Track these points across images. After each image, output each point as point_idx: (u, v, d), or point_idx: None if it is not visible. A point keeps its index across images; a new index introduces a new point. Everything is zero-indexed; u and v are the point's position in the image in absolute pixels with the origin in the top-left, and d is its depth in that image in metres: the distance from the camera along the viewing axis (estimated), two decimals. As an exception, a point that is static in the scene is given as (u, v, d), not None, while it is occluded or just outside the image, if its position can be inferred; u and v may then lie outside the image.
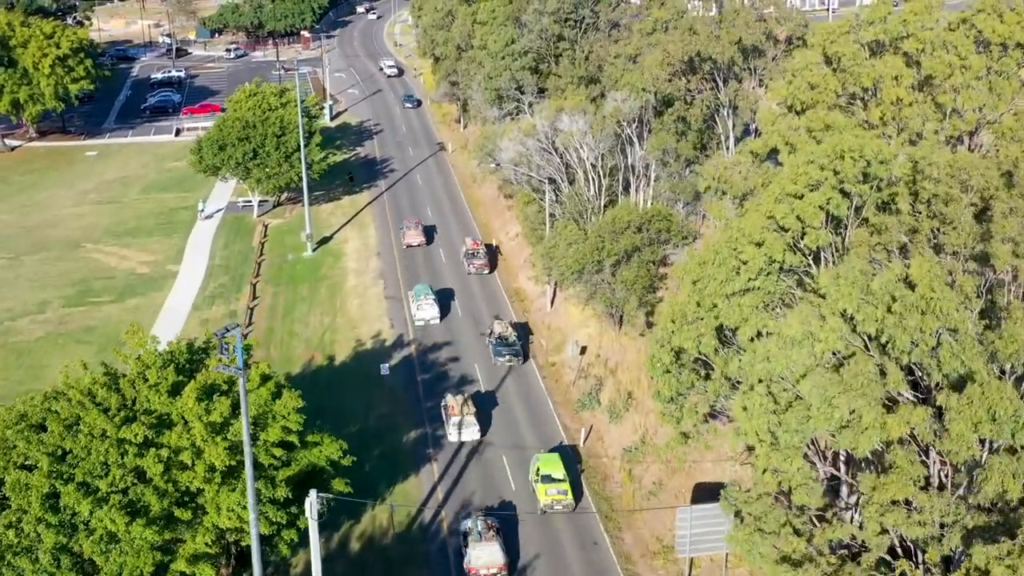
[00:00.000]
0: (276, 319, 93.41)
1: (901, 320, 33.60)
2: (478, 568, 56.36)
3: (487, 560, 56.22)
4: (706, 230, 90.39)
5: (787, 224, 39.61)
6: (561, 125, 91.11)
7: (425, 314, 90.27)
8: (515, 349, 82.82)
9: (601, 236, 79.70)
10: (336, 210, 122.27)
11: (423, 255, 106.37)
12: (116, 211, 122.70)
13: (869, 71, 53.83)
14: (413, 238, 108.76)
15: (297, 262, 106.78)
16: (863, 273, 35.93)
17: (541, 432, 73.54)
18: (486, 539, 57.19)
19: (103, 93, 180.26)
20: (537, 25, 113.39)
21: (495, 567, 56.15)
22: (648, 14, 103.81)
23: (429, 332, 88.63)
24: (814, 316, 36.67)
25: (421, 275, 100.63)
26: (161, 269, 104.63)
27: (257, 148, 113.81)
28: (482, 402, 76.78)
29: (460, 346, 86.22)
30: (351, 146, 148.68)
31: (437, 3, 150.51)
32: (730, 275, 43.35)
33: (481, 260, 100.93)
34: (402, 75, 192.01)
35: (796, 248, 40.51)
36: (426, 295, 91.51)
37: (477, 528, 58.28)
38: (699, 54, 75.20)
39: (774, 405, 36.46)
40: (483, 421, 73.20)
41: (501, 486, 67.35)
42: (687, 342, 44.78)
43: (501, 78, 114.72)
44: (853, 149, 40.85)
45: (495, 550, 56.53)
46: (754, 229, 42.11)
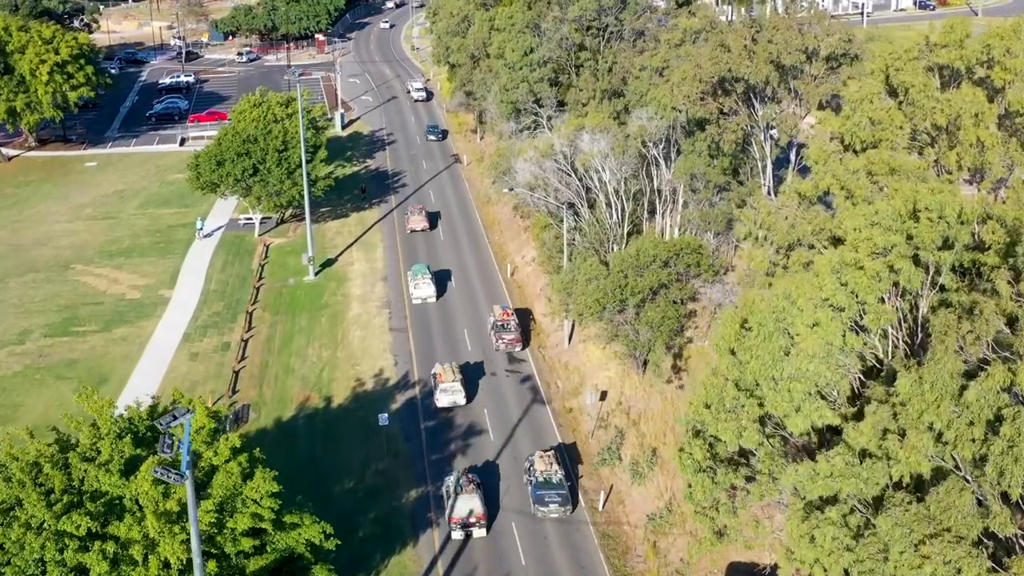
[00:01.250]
0: (272, 353, 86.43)
1: (1010, 447, 26.16)
2: (459, 518, 61.19)
3: (467, 509, 61.13)
4: (739, 261, 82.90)
5: (846, 304, 32.13)
6: (582, 145, 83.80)
7: (422, 292, 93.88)
8: (563, 494, 63.16)
9: (624, 271, 72.31)
10: (343, 228, 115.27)
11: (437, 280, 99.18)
12: (111, 228, 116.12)
13: (944, 107, 46.15)
14: (417, 223, 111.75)
15: (298, 287, 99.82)
16: (953, 376, 28.43)
17: (555, 492, 66.20)
18: (466, 491, 61.76)
19: (109, 99, 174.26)
20: (557, 34, 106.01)
21: (475, 517, 61.18)
22: (676, 23, 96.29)
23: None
24: (890, 425, 29.14)
25: (431, 310, 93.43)
26: (153, 294, 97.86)
27: (258, 164, 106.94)
28: (495, 454, 69.71)
29: (470, 389, 78.97)
30: (362, 158, 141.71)
31: (453, 7, 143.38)
32: (777, 355, 35.87)
33: (512, 335, 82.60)
34: (430, 99, 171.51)
35: (859, 328, 33.00)
36: (423, 274, 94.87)
37: (458, 483, 62.62)
38: (731, 72, 67.66)
39: (849, 538, 28.99)
40: (485, 447, 69.25)
41: (510, 557, 60.11)
42: (726, 433, 37.32)
43: (518, 90, 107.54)
44: (930, 208, 33.33)
45: (474, 501, 61.34)
46: (806, 303, 34.57)
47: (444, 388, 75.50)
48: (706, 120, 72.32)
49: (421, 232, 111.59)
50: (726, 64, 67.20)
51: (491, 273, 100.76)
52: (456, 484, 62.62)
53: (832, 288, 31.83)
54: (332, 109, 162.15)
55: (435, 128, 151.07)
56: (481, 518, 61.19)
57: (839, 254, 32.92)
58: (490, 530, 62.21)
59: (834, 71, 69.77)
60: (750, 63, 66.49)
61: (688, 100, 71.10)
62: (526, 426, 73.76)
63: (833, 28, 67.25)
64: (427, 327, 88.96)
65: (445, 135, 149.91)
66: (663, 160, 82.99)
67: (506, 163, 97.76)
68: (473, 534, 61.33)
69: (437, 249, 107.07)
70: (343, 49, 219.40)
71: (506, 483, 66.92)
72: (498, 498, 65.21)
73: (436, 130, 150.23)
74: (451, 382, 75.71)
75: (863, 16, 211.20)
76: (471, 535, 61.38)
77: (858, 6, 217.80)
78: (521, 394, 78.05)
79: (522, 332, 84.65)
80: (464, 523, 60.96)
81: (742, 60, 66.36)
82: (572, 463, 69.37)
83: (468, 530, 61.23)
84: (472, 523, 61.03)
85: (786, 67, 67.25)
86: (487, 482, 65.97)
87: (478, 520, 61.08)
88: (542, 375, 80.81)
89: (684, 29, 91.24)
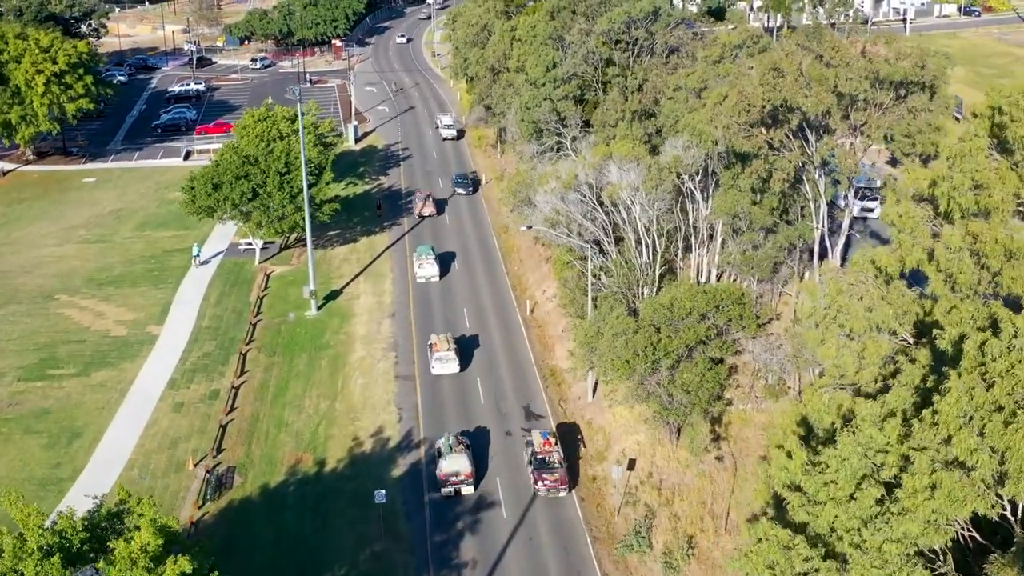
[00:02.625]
0: (264, 403, 78.17)
1: None
2: (447, 474, 64.48)
3: (456, 467, 64.52)
4: (784, 308, 73.94)
5: (983, 465, 23.36)
6: (609, 175, 75.04)
7: (426, 272, 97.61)
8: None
9: (656, 325, 63.53)
10: (351, 255, 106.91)
11: (445, 319, 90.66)
12: (103, 253, 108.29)
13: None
14: (425, 209, 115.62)
15: (298, 324, 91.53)
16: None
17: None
18: (456, 451, 65.39)
19: (116, 107, 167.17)
20: (582, 48, 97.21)
21: (463, 474, 64.51)
22: (715, 38, 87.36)
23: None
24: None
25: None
26: (140, 331, 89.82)
27: (257, 187, 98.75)
28: (507, 535, 61.19)
29: (478, 448, 70.41)
30: (375, 174, 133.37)
31: (473, 16, 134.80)
32: (867, 505, 27.01)
33: (556, 474, 65.01)
34: (461, 138, 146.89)
35: (997, 497, 24.26)
36: (427, 255, 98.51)
37: (448, 443, 66.45)
38: (786, 102, 58.73)
39: None
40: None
41: None
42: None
43: (540, 108, 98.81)
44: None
45: (463, 460, 64.75)
46: (924, 462, 25.68)
47: (439, 357, 79.57)
48: (751, 154, 63.41)
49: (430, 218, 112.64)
50: (779, 92, 58.29)
51: (509, 311, 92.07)
52: (447, 445, 66.48)
53: (967, 445, 23.18)
54: (345, 121, 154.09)
55: (464, 178, 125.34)
56: (469, 476, 64.73)
57: (965, 388, 24.14)
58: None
59: (901, 99, 60.74)
60: (807, 91, 57.52)
61: (730, 131, 62.20)
62: (545, 502, 65.04)
63: (903, 49, 58.22)
64: (437, 379, 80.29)
65: (477, 186, 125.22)
66: (700, 193, 74.13)
67: (525, 191, 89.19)
68: (462, 491, 64.80)
69: (452, 284, 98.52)
70: (361, 55, 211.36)
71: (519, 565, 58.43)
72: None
73: (466, 180, 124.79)
74: (446, 351, 79.70)
75: (905, 23, 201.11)
76: (459, 492, 64.79)
77: (899, 12, 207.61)
78: (539, 459, 69.29)
79: (568, 469, 66.25)
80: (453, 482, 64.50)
81: (798, 87, 57.43)
82: (594, 545, 60.65)
83: (456, 488, 64.60)
84: (460, 481, 64.50)
85: (849, 96, 58.17)
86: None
87: (467, 477, 64.65)
88: (564, 435, 72.07)
89: (724, 44, 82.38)
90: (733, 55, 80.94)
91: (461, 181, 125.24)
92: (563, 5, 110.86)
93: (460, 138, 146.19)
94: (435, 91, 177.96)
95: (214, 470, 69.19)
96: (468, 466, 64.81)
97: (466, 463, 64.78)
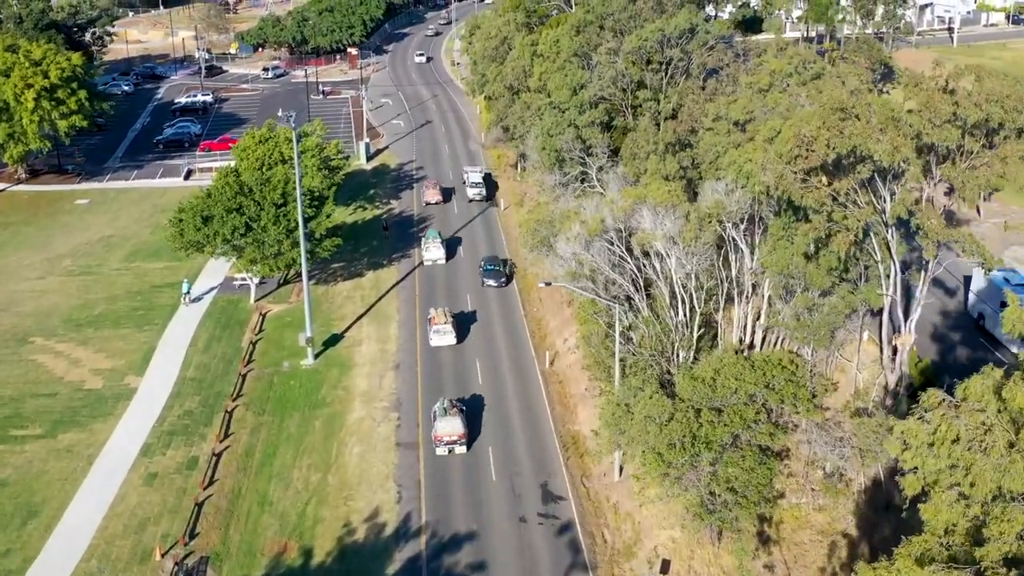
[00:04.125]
0: (248, 474, 69.20)
1: None
2: (441, 435, 68.66)
3: (449, 429, 68.62)
4: (841, 375, 64.28)
5: None
6: (641, 221, 65.60)
7: (432, 255, 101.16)
8: None
9: (696, 407, 54.08)
10: (355, 292, 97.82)
11: (454, 374, 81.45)
12: (87, 287, 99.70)
13: None
14: (432, 196, 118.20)
15: (293, 375, 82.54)
16: None
17: None
18: (450, 414, 69.58)
19: (118, 120, 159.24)
20: (610, 69, 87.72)
21: (456, 435, 68.61)
22: (760, 62, 77.81)
23: (446, 522, 63.49)
24: None
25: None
26: (117, 383, 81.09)
27: (251, 220, 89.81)
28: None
29: (487, 538, 61.22)
30: (386, 197, 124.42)
31: (492, 28, 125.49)
32: None
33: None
34: (493, 196, 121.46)
35: None
36: (434, 238, 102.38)
37: (443, 407, 70.49)
38: (854, 151, 49.12)
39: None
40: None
41: None
42: None
43: (563, 135, 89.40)
44: None
45: (456, 423, 68.93)
46: None
47: (437, 329, 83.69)
48: (810, 208, 53.71)
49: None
50: (847, 138, 48.66)
51: (526, 363, 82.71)
52: (442, 408, 70.52)
53: None
54: (357, 138, 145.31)
55: (495, 266, 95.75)
56: (462, 436, 68.97)
57: None
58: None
59: (991, 146, 51.05)
60: (880, 136, 47.87)
61: (785, 181, 52.59)
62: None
63: (995, 90, 48.36)
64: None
65: (510, 279, 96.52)
66: (745, 242, 64.54)
67: (545, 230, 79.91)
68: (455, 451, 68.83)
69: (462, 322, 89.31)
70: (377, 64, 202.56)
71: None
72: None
73: (497, 269, 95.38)
74: (443, 323, 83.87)
75: (951, 33, 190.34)
76: (453, 451, 68.81)
77: (944, 21, 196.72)
78: (558, 554, 59.92)
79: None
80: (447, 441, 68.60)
81: (870, 133, 47.83)
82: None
83: (450, 447, 68.79)
84: (454, 441, 68.64)
85: (934, 148, 48.46)
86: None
87: (460, 438, 68.81)
88: (585, 521, 62.68)
89: (772, 71, 72.72)
90: (783, 83, 71.26)
91: (491, 269, 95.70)
92: (589, 19, 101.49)
93: (491, 199, 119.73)
94: (453, 103, 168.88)
95: (183, 562, 60.22)
96: (461, 428, 69.14)
97: (459, 425, 69.08)
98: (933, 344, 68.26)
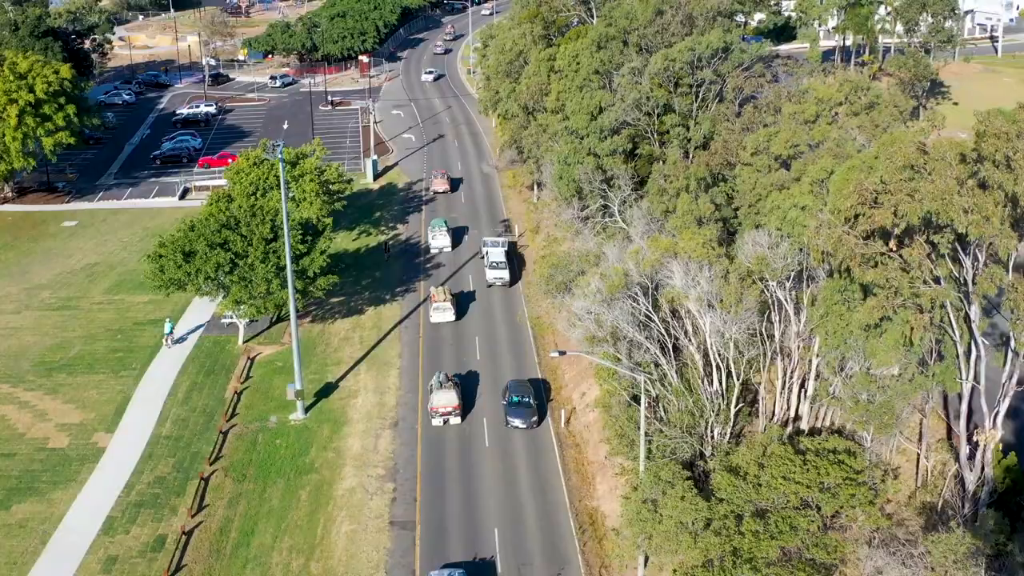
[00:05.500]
0: (221, 558, 60.96)
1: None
2: (437, 407, 72.11)
3: (444, 401, 72.08)
4: (904, 463, 55.33)
5: None
6: (671, 277, 56.94)
7: (438, 243, 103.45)
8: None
9: (737, 511, 45.37)
10: (353, 332, 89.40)
11: (459, 444, 72.93)
12: (64, 323, 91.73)
13: None
14: (440, 185, 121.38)
15: (279, 432, 74.30)
16: None
17: None
18: (445, 387, 72.98)
19: (117, 133, 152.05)
20: (633, 92, 79.01)
21: (451, 406, 72.02)
22: (807, 87, 68.96)
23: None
24: None
25: (453, 487, 67.32)
26: (84, 441, 73.02)
27: (238, 256, 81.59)
28: None
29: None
30: (392, 221, 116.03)
31: (507, 40, 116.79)
32: None
33: None
34: (517, 283, 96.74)
35: None
36: (440, 227, 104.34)
37: (439, 380, 73.88)
38: (935, 217, 40.30)
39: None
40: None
41: None
42: None
43: (582, 165, 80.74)
44: None
45: (451, 395, 72.32)
46: None
47: (437, 307, 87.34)
48: (875, 285, 44.85)
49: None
50: (922, 201, 39.89)
51: (542, 425, 74.07)
52: (438, 382, 73.61)
53: None
54: (364, 154, 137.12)
55: (522, 397, 73.46)
56: (456, 408, 71.92)
57: None
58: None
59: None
60: (963, 200, 39.08)
61: (845, 248, 43.78)
62: None
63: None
64: (442, 531, 62.71)
65: (543, 415, 73.87)
66: (791, 302, 55.74)
67: (561, 275, 71.38)
68: (450, 421, 71.84)
69: (469, 362, 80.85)
70: (390, 72, 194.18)
71: None
72: None
73: (525, 409, 72.56)
74: (443, 301, 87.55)
75: (993, 42, 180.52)
76: (448, 422, 71.74)
77: (986, 29, 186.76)
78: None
79: None
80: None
81: (951, 198, 39.07)
82: None
83: (445, 419, 71.77)
84: (449, 413, 71.75)
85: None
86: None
87: (454, 409, 71.86)
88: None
89: (819, 99, 63.89)
90: (832, 113, 62.43)
91: (518, 406, 72.93)
92: (612, 34, 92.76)
93: (514, 284, 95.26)
94: (468, 116, 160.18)
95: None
96: (456, 400, 71.97)
97: (454, 397, 72.04)
98: (1019, 434, 58.56)
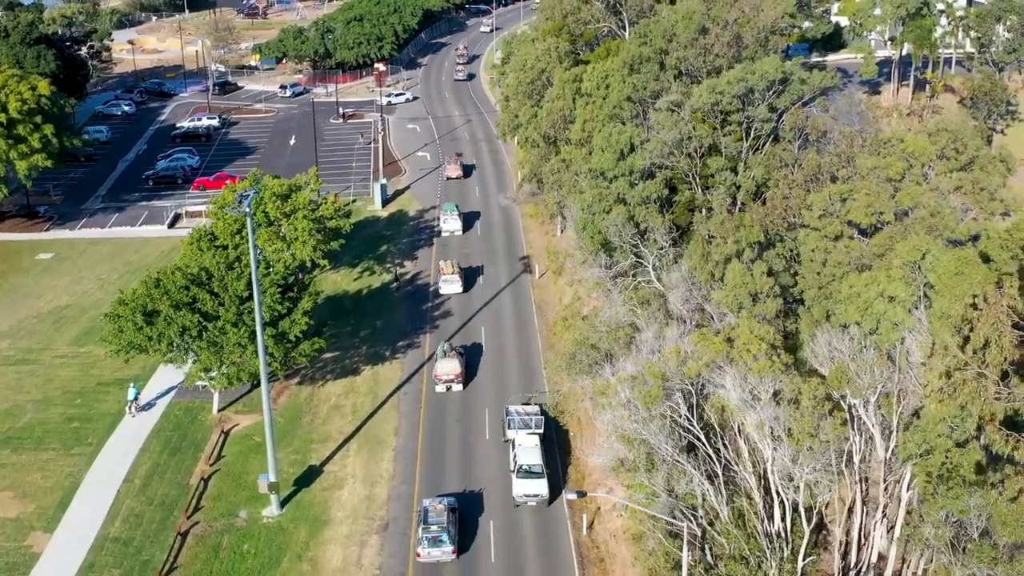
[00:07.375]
0: None
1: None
2: (440, 374, 75.56)
3: (448, 368, 75.57)
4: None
5: None
6: (723, 385, 44.73)
7: (449, 227, 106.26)
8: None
9: None
10: (345, 399, 77.71)
11: (458, 567, 60.91)
12: (19, 383, 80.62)
13: None
14: (453, 171, 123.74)
15: (248, 533, 62.71)
16: None
17: None
18: (449, 356, 76.40)
19: (111, 148, 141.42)
20: (673, 132, 66.64)
21: (453, 374, 75.41)
22: (888, 139, 56.41)
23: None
24: None
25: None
26: (17, 544, 61.74)
27: (207, 317, 69.97)
28: None
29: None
30: (400, 256, 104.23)
31: (528, 56, 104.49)
32: None
33: None
34: (558, 494, 64.39)
35: None
36: (451, 211, 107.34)
37: (443, 349, 77.30)
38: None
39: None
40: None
41: None
42: None
43: (610, 215, 68.50)
44: None
45: (454, 363, 75.91)
46: None
47: (445, 279, 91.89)
48: (983, 424, 32.65)
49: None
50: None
51: (558, 525, 61.98)
52: (442, 351, 77.04)
53: None
54: (373, 177, 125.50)
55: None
56: (459, 375, 75.74)
57: None
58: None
59: None
60: None
61: (984, 412, 31.49)
62: None
63: None
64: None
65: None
66: (878, 426, 43.40)
67: (587, 352, 59.31)
68: (452, 388, 75.07)
69: (479, 423, 68.97)
70: (408, 80, 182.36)
71: None
72: None
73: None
74: (451, 274, 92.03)
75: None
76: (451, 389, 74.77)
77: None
78: None
79: None
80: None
81: None
82: None
83: (448, 385, 75.34)
84: (451, 380, 75.38)
85: None
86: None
87: (457, 377, 75.53)
88: None
89: (906, 152, 51.42)
90: (925, 171, 49.98)
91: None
92: (647, 54, 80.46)
93: (555, 499, 63.42)
94: (489, 134, 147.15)
95: None
96: (459, 367, 75.33)
97: (457, 365, 75.48)
98: None
